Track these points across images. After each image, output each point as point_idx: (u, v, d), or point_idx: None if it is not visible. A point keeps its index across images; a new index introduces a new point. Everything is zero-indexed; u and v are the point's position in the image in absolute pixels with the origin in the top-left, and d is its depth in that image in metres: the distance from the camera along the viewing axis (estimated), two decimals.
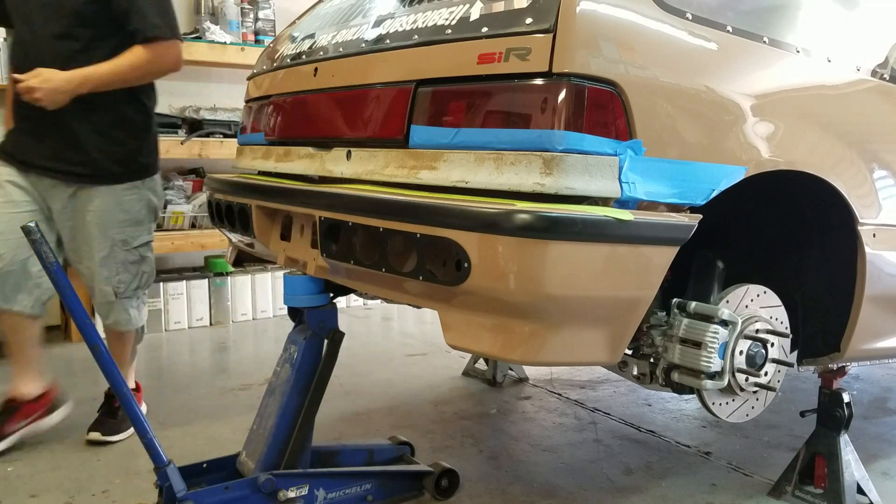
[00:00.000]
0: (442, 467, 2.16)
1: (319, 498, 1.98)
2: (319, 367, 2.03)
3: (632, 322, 1.57)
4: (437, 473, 2.15)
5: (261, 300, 4.51)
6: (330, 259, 1.80)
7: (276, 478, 1.92)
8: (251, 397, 3.02)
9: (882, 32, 2.07)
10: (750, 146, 1.65)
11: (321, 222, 1.79)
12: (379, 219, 1.61)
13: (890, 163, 1.98)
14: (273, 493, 1.91)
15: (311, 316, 2.02)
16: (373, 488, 2.06)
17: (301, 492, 1.95)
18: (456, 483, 2.17)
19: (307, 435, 2.01)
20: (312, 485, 1.97)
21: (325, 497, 1.99)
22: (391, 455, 2.27)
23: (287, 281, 2.02)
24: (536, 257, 1.40)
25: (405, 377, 3.35)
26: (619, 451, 2.53)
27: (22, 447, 2.48)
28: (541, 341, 1.48)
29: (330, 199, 1.78)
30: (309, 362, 2.03)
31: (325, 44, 2.05)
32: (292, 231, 2.05)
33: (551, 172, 1.40)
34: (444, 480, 2.15)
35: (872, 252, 1.89)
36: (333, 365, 2.05)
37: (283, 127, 2.23)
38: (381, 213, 1.61)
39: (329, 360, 2.04)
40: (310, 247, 1.94)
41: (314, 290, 2.02)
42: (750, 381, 1.74)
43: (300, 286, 2.01)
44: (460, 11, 1.61)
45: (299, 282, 2.01)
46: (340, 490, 2.01)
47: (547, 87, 1.43)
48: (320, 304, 2.03)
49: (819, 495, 2.12)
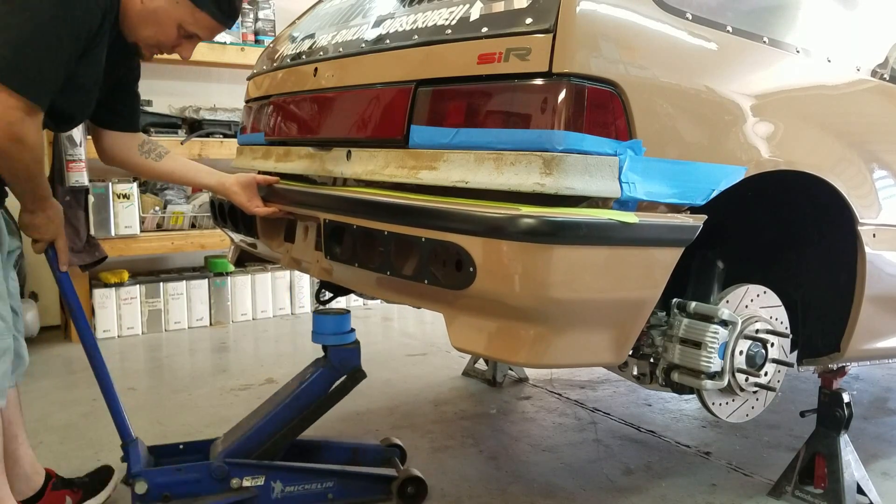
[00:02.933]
0: (409, 474, 2.11)
1: (276, 490, 2.00)
2: (323, 398, 2.09)
3: (637, 323, 1.57)
4: (402, 479, 2.09)
5: (261, 300, 4.51)
6: (334, 261, 1.80)
7: (232, 467, 1.96)
8: (251, 397, 3.02)
9: (882, 32, 2.07)
10: (750, 146, 1.65)
11: (325, 224, 1.79)
12: (383, 222, 1.61)
13: (890, 163, 1.98)
14: (226, 479, 1.95)
15: (334, 353, 2.10)
16: (335, 487, 2.06)
17: (257, 482, 1.98)
18: (423, 491, 2.11)
19: (282, 445, 2.06)
20: (269, 476, 1.99)
21: (283, 490, 2.01)
22: (377, 456, 2.26)
23: (315, 319, 2.11)
24: (541, 261, 1.40)
25: (405, 377, 3.35)
26: (619, 451, 2.53)
27: None
28: (546, 344, 1.49)
29: (335, 201, 1.78)
30: (314, 390, 2.09)
31: (324, 44, 2.05)
32: (296, 232, 2.05)
33: (551, 172, 1.40)
34: (411, 487, 2.09)
35: (872, 252, 1.89)
36: (339, 399, 2.12)
37: (282, 127, 2.23)
38: (385, 216, 1.61)
39: (337, 393, 2.11)
40: (314, 248, 1.94)
41: (340, 329, 2.10)
42: (750, 382, 1.74)
43: (326, 325, 2.10)
44: (460, 11, 1.61)
45: (325, 321, 2.10)
46: (299, 485, 2.02)
47: (547, 87, 1.43)
48: (344, 342, 2.11)
49: (819, 495, 2.12)
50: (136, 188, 3.97)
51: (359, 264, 1.71)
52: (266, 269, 4.49)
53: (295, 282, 4.61)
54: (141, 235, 4.00)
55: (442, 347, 3.83)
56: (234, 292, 4.40)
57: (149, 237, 4.03)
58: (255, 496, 1.98)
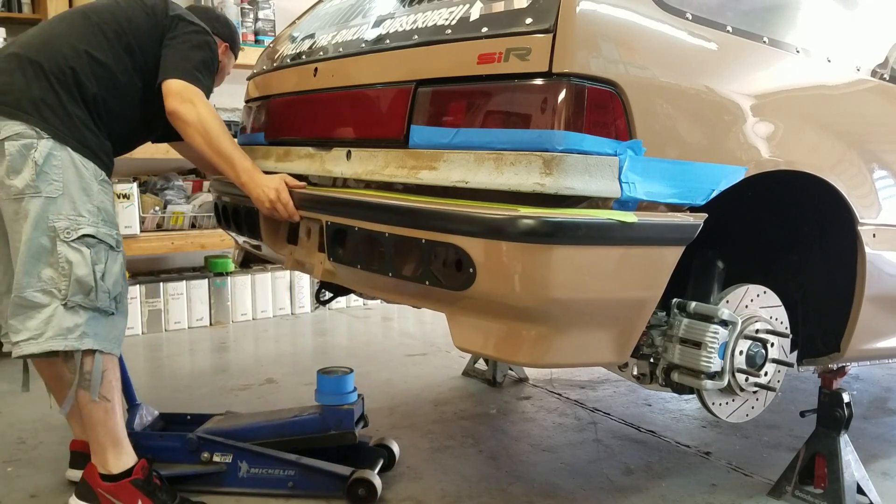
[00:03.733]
0: (361, 476, 2.10)
1: (242, 469, 2.15)
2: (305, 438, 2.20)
3: (639, 322, 1.57)
4: (351, 479, 2.09)
5: (261, 300, 4.51)
6: (336, 263, 1.80)
7: (204, 441, 2.15)
8: (251, 397, 3.02)
9: (882, 32, 2.07)
10: (750, 146, 1.65)
11: (328, 226, 1.80)
12: (385, 224, 1.61)
13: (890, 163, 1.98)
14: (197, 452, 2.15)
15: (330, 412, 2.19)
16: (296, 476, 2.14)
17: (225, 459, 2.15)
18: (374, 494, 2.08)
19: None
20: (236, 455, 2.15)
21: (248, 470, 2.15)
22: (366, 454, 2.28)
23: (318, 378, 2.23)
24: (542, 262, 1.40)
25: (405, 377, 3.35)
26: (619, 451, 2.53)
27: (22, 447, 2.48)
28: (547, 343, 1.49)
29: (337, 203, 1.79)
30: (302, 429, 2.21)
31: (324, 44, 2.05)
32: (299, 234, 2.05)
33: (551, 172, 1.40)
34: (362, 490, 2.09)
35: (872, 252, 1.89)
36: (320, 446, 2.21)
37: (282, 127, 2.23)
38: (387, 218, 1.62)
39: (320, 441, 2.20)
40: (316, 250, 1.94)
41: (338, 390, 2.21)
42: (750, 381, 1.73)
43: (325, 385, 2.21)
44: (460, 11, 1.61)
45: (325, 381, 2.22)
46: (263, 468, 2.14)
47: (547, 87, 1.43)
48: (342, 403, 2.20)
49: (819, 495, 2.12)
50: (136, 188, 3.96)
51: (361, 266, 1.71)
52: (266, 270, 4.49)
53: (295, 282, 4.61)
54: (141, 235, 3.99)
55: (442, 347, 3.83)
56: (234, 292, 4.40)
57: (149, 237, 4.03)
58: (223, 472, 2.14)
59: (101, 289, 1.87)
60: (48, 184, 1.84)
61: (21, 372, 2.13)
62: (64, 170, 1.86)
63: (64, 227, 1.84)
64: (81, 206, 1.87)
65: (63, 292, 1.84)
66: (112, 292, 1.90)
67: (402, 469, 2.34)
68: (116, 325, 1.95)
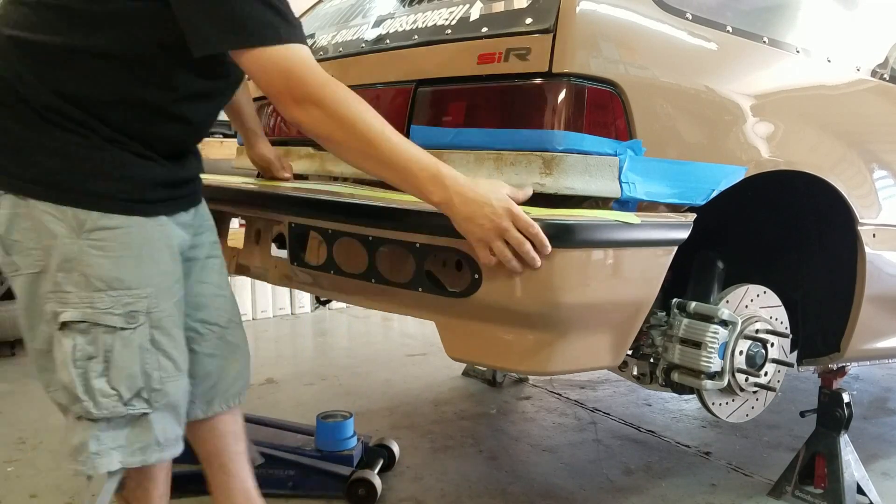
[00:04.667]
0: (361, 476, 2.11)
1: None
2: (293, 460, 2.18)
3: (635, 324, 1.56)
4: (351, 479, 2.10)
5: (261, 300, 4.51)
6: (303, 268, 1.66)
7: None
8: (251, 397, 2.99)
9: (882, 32, 2.07)
10: (750, 146, 1.65)
11: (292, 229, 1.65)
12: (370, 227, 1.49)
13: (890, 163, 1.98)
14: None
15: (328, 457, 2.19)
16: (296, 476, 2.15)
17: None
18: (374, 494, 2.10)
19: None
20: None
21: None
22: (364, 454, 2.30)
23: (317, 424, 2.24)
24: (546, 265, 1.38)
25: (405, 377, 3.35)
26: (619, 451, 2.53)
27: (22, 447, 2.48)
28: (549, 350, 1.45)
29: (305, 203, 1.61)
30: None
31: (324, 44, 2.05)
32: (245, 236, 1.96)
33: (551, 172, 1.40)
34: (362, 490, 2.10)
35: (872, 252, 1.89)
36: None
37: (282, 127, 2.23)
38: (372, 220, 1.48)
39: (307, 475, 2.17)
40: (268, 254, 1.86)
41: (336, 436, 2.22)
42: (750, 381, 1.73)
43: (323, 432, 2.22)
44: (460, 11, 1.61)
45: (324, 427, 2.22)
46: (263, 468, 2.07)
47: (547, 87, 1.43)
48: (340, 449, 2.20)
49: (819, 495, 2.12)
50: None
51: (335, 271, 1.57)
52: None
53: None
54: None
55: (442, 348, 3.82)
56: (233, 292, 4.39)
57: None
58: None
59: (99, 393, 1.27)
60: (25, 256, 1.26)
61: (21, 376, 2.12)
62: (38, 231, 1.25)
63: (51, 310, 1.26)
64: (64, 280, 1.24)
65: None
66: (127, 390, 1.28)
67: (402, 469, 2.34)
68: (155, 422, 1.33)
